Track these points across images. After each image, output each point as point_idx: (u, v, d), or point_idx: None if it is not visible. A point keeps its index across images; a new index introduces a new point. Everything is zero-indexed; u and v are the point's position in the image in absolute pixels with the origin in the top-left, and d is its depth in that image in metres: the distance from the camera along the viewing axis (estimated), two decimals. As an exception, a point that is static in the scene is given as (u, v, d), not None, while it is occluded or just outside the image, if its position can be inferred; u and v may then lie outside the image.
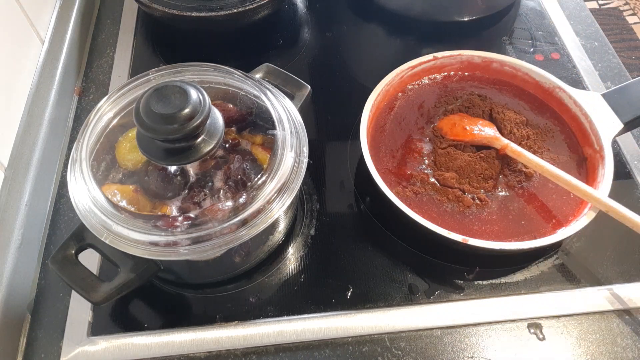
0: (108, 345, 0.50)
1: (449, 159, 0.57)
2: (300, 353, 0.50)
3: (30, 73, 0.63)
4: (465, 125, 0.59)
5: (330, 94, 0.69)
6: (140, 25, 0.78)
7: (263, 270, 0.55)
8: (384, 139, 0.60)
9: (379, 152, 0.59)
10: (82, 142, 0.46)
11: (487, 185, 0.56)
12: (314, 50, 0.76)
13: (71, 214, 0.59)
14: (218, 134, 0.44)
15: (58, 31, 0.70)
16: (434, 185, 0.56)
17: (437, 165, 0.58)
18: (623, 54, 1.76)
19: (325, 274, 0.54)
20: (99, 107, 0.48)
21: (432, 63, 0.63)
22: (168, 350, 0.49)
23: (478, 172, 0.56)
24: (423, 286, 0.54)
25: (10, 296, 0.50)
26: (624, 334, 0.50)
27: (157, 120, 0.40)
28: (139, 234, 0.42)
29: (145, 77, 0.50)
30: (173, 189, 0.46)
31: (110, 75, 0.72)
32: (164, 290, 0.54)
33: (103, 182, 0.46)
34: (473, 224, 0.54)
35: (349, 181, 0.61)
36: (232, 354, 0.50)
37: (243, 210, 0.43)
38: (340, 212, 0.59)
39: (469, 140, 0.58)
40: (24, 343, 0.51)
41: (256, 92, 0.50)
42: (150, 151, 0.43)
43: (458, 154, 0.58)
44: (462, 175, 0.57)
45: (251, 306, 0.52)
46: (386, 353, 0.50)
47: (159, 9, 0.67)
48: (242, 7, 0.67)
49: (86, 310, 0.51)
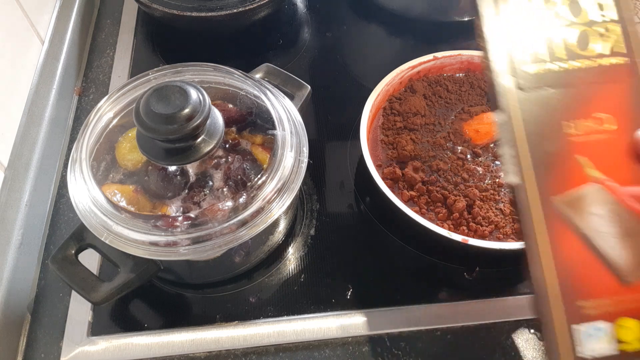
0: (108, 345, 0.50)
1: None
2: (300, 353, 0.50)
3: (30, 73, 0.63)
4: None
5: (330, 94, 0.69)
6: (140, 25, 0.78)
7: (263, 270, 0.55)
8: (384, 139, 0.60)
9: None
10: (82, 142, 0.46)
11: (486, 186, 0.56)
12: (314, 50, 0.76)
13: (71, 214, 0.59)
14: (218, 134, 0.44)
15: (58, 31, 0.70)
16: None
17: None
18: (623, 54, 1.76)
19: (325, 274, 0.54)
20: (99, 107, 0.48)
21: (432, 63, 0.63)
22: (168, 350, 0.49)
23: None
24: (423, 286, 0.54)
25: (10, 296, 0.50)
26: (624, 334, 0.50)
27: (157, 120, 0.40)
28: (139, 234, 0.42)
29: (145, 77, 0.50)
30: (173, 189, 0.46)
31: (110, 75, 0.72)
32: (164, 290, 0.54)
33: (103, 182, 0.46)
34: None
35: (349, 181, 0.61)
36: (232, 354, 0.50)
37: (243, 210, 0.43)
38: (340, 212, 0.59)
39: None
40: (24, 343, 0.51)
41: (256, 92, 0.50)
42: (150, 151, 0.43)
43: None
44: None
45: (251, 306, 0.52)
46: (386, 353, 0.50)
47: (159, 9, 0.67)
48: (242, 7, 0.67)
49: (86, 310, 0.51)
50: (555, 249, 0.33)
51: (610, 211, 0.33)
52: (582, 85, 0.36)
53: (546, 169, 0.34)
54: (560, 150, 0.34)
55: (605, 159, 0.34)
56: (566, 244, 0.33)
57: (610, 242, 0.33)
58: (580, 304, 0.32)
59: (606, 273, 0.32)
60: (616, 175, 0.34)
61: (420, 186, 0.55)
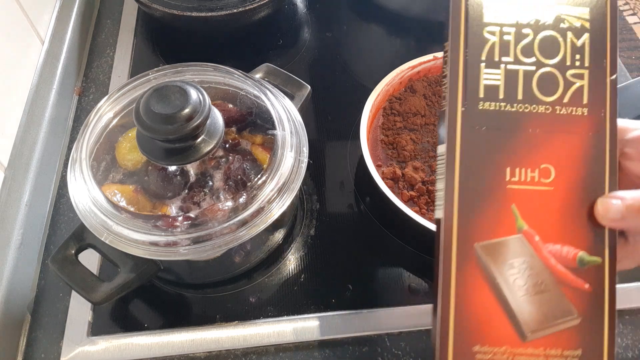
0: (108, 345, 0.50)
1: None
2: (300, 353, 0.50)
3: (30, 73, 0.63)
4: None
5: (330, 94, 0.69)
6: (140, 25, 0.78)
7: (263, 270, 0.55)
8: (384, 139, 0.60)
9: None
10: (82, 142, 0.46)
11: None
12: (314, 50, 0.76)
13: (71, 214, 0.59)
14: (218, 134, 0.44)
15: (58, 31, 0.70)
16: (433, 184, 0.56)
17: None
18: (623, 54, 1.76)
19: (325, 274, 0.54)
20: (99, 107, 0.48)
21: (432, 63, 0.63)
22: (168, 350, 0.49)
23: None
24: (423, 286, 0.54)
25: (10, 296, 0.50)
26: (624, 334, 0.50)
27: (157, 120, 0.40)
28: (139, 234, 0.42)
29: (145, 77, 0.50)
30: (173, 189, 0.46)
31: (110, 75, 0.72)
32: (164, 290, 0.54)
33: (103, 182, 0.46)
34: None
35: (349, 181, 0.61)
36: (232, 354, 0.50)
37: (243, 210, 0.43)
38: (340, 212, 0.59)
39: None
40: (24, 343, 0.51)
41: (256, 92, 0.50)
42: (150, 151, 0.43)
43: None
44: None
45: (251, 306, 0.52)
46: (386, 353, 0.50)
47: (159, 9, 0.67)
48: (242, 7, 0.67)
49: (86, 310, 0.51)
50: (459, 292, 0.33)
51: (526, 264, 0.33)
52: (534, 131, 0.34)
53: (476, 212, 0.33)
54: (497, 196, 0.33)
55: (538, 212, 0.33)
56: (474, 289, 0.33)
57: (518, 295, 0.33)
58: (476, 349, 0.32)
59: (507, 324, 0.33)
60: (544, 230, 0.33)
61: (420, 186, 0.55)
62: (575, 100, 0.34)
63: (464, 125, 0.34)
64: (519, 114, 0.34)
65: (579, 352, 0.33)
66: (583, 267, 0.33)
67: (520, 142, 0.34)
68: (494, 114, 0.34)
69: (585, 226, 0.33)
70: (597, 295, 0.33)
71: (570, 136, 0.34)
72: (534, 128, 0.34)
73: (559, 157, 0.34)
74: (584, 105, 0.34)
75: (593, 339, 0.33)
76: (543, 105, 0.34)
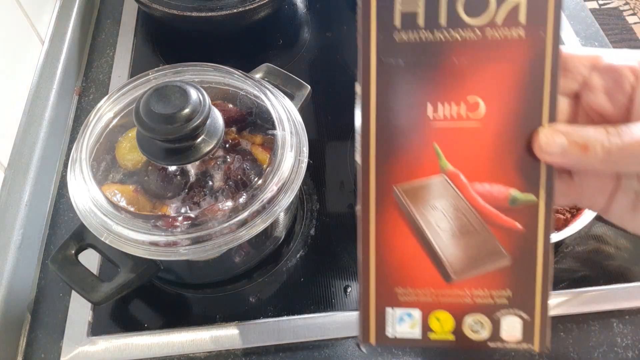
0: (108, 345, 0.50)
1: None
2: (300, 353, 0.50)
3: (30, 73, 0.63)
4: None
5: (330, 94, 0.69)
6: (140, 25, 0.78)
7: (263, 270, 0.55)
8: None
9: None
10: (82, 142, 0.46)
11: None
12: (314, 50, 0.76)
13: (71, 214, 0.59)
14: (218, 134, 0.44)
15: (58, 31, 0.70)
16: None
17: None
18: (623, 54, 1.76)
19: (325, 274, 0.54)
20: (99, 107, 0.48)
21: (432, 63, 0.63)
22: (168, 350, 0.49)
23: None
24: (423, 286, 0.54)
25: (10, 296, 0.50)
26: (624, 334, 0.50)
27: (157, 120, 0.40)
28: (139, 234, 0.42)
29: (145, 77, 0.50)
30: (173, 189, 0.46)
31: (110, 75, 0.72)
32: (164, 290, 0.54)
33: (103, 182, 0.46)
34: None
35: (349, 181, 0.61)
36: (232, 354, 0.50)
37: (243, 210, 0.43)
38: (340, 212, 0.59)
39: None
40: (24, 343, 0.51)
41: (256, 92, 0.50)
42: (150, 151, 0.43)
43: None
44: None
45: (251, 306, 0.52)
46: (386, 353, 0.50)
47: (159, 9, 0.67)
48: (242, 7, 0.67)
49: (86, 310, 0.51)
50: (379, 236, 0.32)
51: (451, 206, 0.31)
52: (460, 61, 0.29)
53: (395, 153, 0.31)
54: (417, 136, 0.30)
55: (465, 150, 0.30)
56: (395, 233, 0.31)
57: (442, 238, 0.31)
58: (398, 291, 0.32)
59: (430, 267, 0.31)
60: (471, 169, 0.31)
61: (420, 186, 0.55)
62: (510, 20, 0.29)
63: (380, 59, 0.31)
64: (442, 44, 0.30)
65: (509, 293, 0.31)
66: (515, 206, 0.31)
67: (443, 75, 0.30)
68: (413, 45, 0.30)
69: (518, 163, 0.30)
70: (530, 235, 0.31)
71: (502, 64, 0.29)
72: (460, 57, 0.30)
73: (488, 88, 0.30)
74: (521, 26, 0.29)
75: (524, 279, 0.31)
76: (471, 30, 0.29)
